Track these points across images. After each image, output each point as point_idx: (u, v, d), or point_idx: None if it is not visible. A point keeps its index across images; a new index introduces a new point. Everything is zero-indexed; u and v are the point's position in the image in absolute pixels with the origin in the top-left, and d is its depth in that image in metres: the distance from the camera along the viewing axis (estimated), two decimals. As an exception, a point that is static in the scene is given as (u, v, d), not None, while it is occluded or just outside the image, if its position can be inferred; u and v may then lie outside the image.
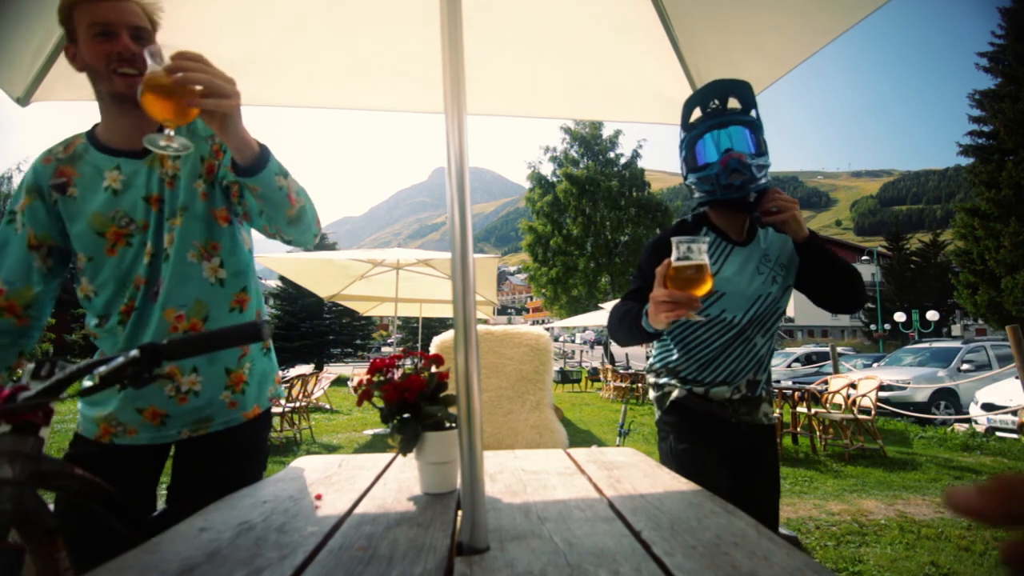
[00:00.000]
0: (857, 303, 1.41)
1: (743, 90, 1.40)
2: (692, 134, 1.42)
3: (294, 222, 1.15)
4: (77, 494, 0.89)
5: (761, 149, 1.35)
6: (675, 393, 1.48)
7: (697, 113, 1.43)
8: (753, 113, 1.39)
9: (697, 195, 1.43)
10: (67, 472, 0.88)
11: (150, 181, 1.17)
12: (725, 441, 1.45)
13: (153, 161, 1.18)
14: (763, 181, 1.35)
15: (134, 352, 0.78)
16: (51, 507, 0.89)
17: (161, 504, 1.25)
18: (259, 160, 1.03)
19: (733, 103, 1.40)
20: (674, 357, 1.49)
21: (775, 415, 1.50)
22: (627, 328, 1.25)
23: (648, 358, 1.53)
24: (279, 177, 1.07)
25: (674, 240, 1.01)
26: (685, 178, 1.46)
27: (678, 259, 1.00)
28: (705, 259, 0.99)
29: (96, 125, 1.22)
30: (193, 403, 1.20)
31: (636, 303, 1.28)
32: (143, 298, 1.17)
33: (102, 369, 0.78)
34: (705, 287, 0.99)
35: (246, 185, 1.07)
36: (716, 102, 1.41)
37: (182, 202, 1.18)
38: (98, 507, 0.92)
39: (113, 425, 1.18)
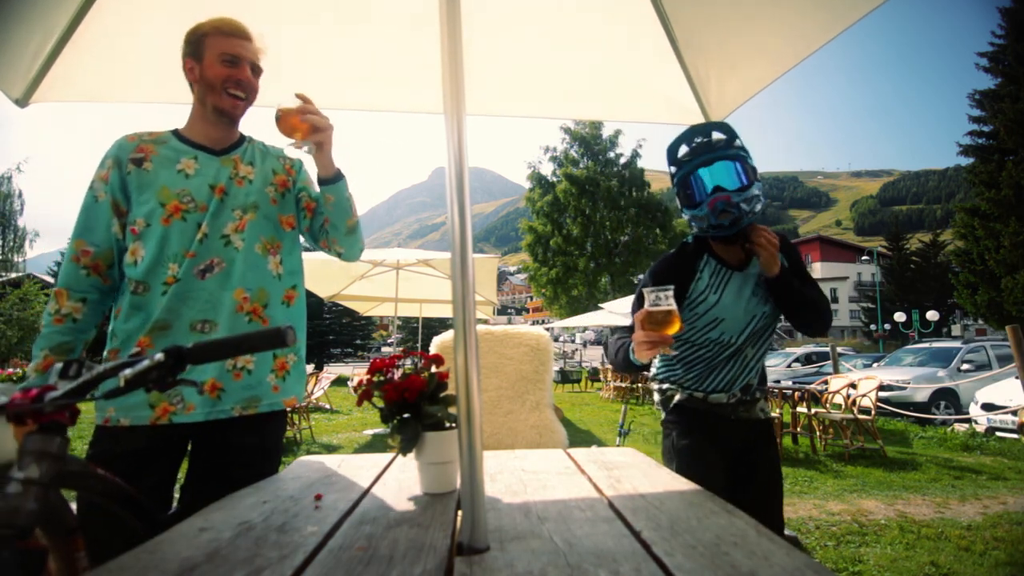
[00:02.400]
0: (815, 332, 1.54)
1: (723, 126, 1.46)
2: (682, 172, 1.48)
3: (351, 232, 1.45)
4: (98, 494, 0.90)
5: (750, 178, 1.40)
6: (678, 396, 1.60)
7: (684, 149, 1.49)
8: (738, 143, 1.43)
9: (694, 229, 1.51)
10: (90, 472, 0.90)
11: (219, 173, 1.34)
12: (725, 436, 1.55)
13: (227, 161, 1.36)
14: (756, 210, 1.41)
15: (159, 355, 0.79)
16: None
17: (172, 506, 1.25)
18: (337, 175, 1.40)
19: (717, 135, 1.45)
20: (677, 372, 1.61)
21: (771, 411, 1.59)
22: (622, 361, 1.45)
23: (652, 368, 1.68)
24: (348, 192, 1.41)
25: (645, 291, 1.21)
26: (682, 212, 1.53)
27: (651, 306, 1.19)
28: (672, 304, 1.18)
29: (178, 128, 1.40)
30: (246, 380, 1.30)
31: (629, 336, 1.46)
32: (187, 272, 1.26)
33: (127, 372, 0.78)
34: (674, 327, 1.19)
35: (324, 195, 1.39)
36: (700, 137, 1.47)
37: (253, 201, 1.36)
38: (117, 507, 0.92)
39: (175, 402, 1.23)
